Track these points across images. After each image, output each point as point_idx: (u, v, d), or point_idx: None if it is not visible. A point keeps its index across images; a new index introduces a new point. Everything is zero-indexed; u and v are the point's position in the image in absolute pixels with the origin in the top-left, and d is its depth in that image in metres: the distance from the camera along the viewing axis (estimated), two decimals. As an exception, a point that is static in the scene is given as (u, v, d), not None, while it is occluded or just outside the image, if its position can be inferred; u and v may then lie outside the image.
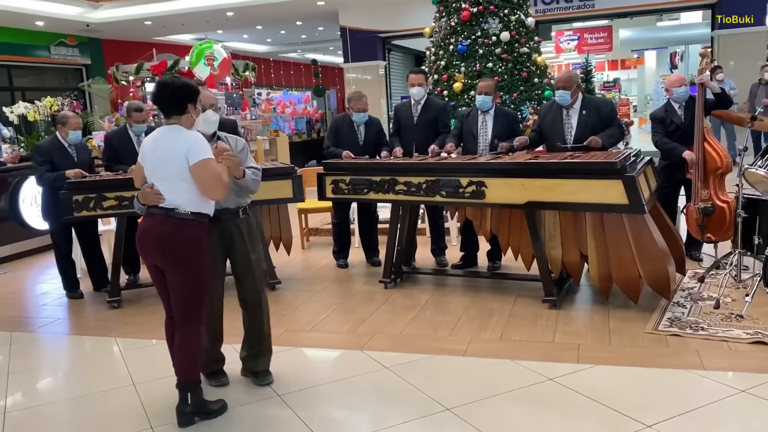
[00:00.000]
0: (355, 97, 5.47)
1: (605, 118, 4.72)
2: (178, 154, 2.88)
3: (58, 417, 3.25)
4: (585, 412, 2.92)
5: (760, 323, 3.77)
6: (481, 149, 5.09)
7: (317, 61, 17.48)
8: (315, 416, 3.04)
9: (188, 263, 2.92)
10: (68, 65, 14.59)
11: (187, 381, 3.00)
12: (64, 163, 4.99)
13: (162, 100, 2.96)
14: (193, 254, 2.93)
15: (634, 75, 25.67)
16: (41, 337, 4.48)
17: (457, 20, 7.31)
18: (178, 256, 2.91)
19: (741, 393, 3.00)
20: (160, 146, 2.95)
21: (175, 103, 2.95)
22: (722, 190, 4.90)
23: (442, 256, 5.56)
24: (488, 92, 5.02)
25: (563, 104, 4.75)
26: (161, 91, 2.97)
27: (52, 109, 9.16)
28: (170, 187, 2.92)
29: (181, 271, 2.92)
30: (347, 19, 13.32)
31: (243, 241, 3.29)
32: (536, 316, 4.18)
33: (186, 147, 2.88)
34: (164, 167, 2.92)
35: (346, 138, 5.45)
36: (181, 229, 2.91)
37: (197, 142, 2.91)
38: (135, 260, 5.51)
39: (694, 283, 4.60)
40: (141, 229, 2.99)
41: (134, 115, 5.23)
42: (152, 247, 2.94)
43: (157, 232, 2.92)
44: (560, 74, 4.97)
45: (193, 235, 2.94)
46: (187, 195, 2.92)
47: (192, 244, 2.93)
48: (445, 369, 3.49)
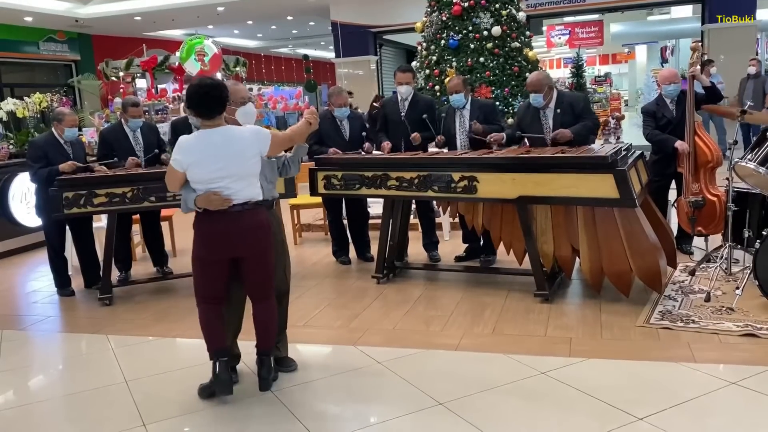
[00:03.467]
0: (335, 92, 5.46)
1: (580, 112, 4.77)
2: (251, 152, 3.07)
3: (50, 415, 3.24)
4: (577, 406, 2.93)
5: (751, 316, 3.80)
6: (462, 146, 5.11)
7: (309, 56, 17.42)
8: (308, 411, 3.04)
9: (271, 245, 3.22)
10: (57, 61, 14.50)
11: (268, 347, 3.25)
12: (59, 160, 4.95)
13: (211, 101, 3.03)
14: (272, 236, 3.24)
15: (625, 69, 25.76)
16: (32, 334, 4.46)
17: (449, 15, 7.31)
18: (268, 241, 3.18)
19: (732, 385, 3.02)
20: (228, 149, 3.02)
21: (222, 103, 3.05)
22: (713, 184, 4.93)
23: (434, 251, 5.56)
24: (458, 90, 5.06)
25: (537, 106, 4.81)
26: (210, 92, 3.01)
27: (41, 105, 9.08)
28: (244, 184, 3.08)
29: (270, 253, 3.21)
30: (338, 13, 13.29)
31: (277, 232, 3.36)
32: (528, 311, 4.19)
33: (254, 142, 3.08)
34: (238, 166, 3.05)
35: (331, 134, 5.39)
36: (266, 216, 3.19)
37: (255, 133, 3.12)
38: (127, 257, 5.49)
39: (685, 276, 4.63)
40: (219, 228, 3.07)
41: (131, 110, 5.20)
42: (241, 240, 3.09)
43: (252, 224, 3.10)
44: (530, 78, 4.96)
45: (269, 219, 3.23)
46: (259, 186, 3.17)
47: (271, 227, 3.22)
48: (438, 363, 3.50)
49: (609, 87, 19.57)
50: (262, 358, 3.22)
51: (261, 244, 3.15)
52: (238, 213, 3.06)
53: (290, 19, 15.16)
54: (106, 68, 11.66)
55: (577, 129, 4.67)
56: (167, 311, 4.68)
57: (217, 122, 3.06)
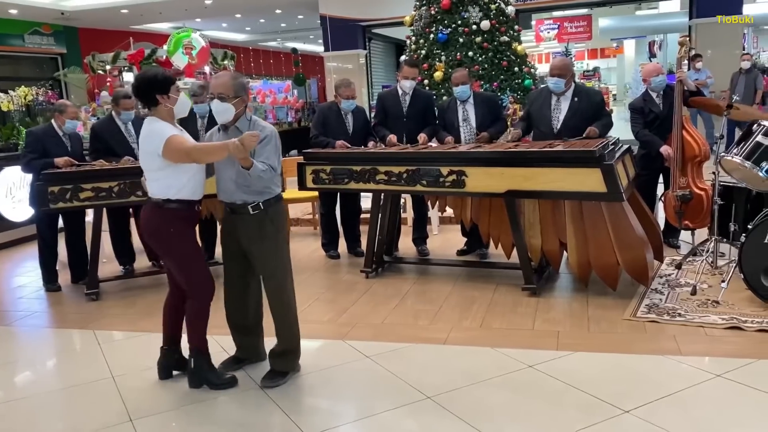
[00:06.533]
0: (343, 84, 5.35)
1: (595, 106, 4.73)
2: (149, 148, 3.07)
3: (35, 411, 3.21)
4: (564, 399, 2.95)
5: (736, 309, 3.83)
6: (465, 139, 5.10)
7: (297, 50, 17.34)
8: (296, 406, 3.03)
9: (168, 247, 3.22)
10: (43, 54, 14.31)
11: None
12: (57, 151, 4.93)
13: (137, 92, 3.12)
14: (163, 238, 3.19)
15: (613, 64, 25.82)
16: (18, 330, 4.43)
17: (438, 9, 7.29)
18: (159, 241, 3.22)
19: (717, 377, 3.05)
20: (141, 141, 3.13)
21: (145, 95, 3.07)
22: (700, 178, 4.96)
23: (423, 245, 5.57)
24: (464, 82, 5.03)
25: (557, 91, 4.71)
26: (139, 84, 3.11)
27: (26, 99, 9.00)
28: (149, 177, 3.16)
29: (168, 254, 3.26)
30: (327, 7, 13.22)
31: (248, 239, 3.20)
32: (516, 304, 4.21)
33: (153, 140, 3.04)
34: (142, 159, 3.15)
35: (334, 127, 5.33)
36: (156, 216, 3.16)
37: (157, 130, 3.04)
38: (129, 251, 5.45)
39: (671, 269, 4.66)
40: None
41: (122, 103, 5.13)
42: (142, 235, 3.29)
43: (144, 220, 3.21)
44: (555, 62, 4.86)
45: (158, 221, 3.16)
46: (165, 184, 3.11)
47: (158, 229, 3.18)
48: (426, 357, 3.50)
49: (598, 81, 19.65)
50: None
51: (152, 242, 3.26)
52: (145, 205, 3.23)
53: (279, 12, 15.06)
54: (93, 61, 11.55)
55: (602, 126, 4.63)
56: (154, 306, 4.62)
57: (153, 113, 3.12)
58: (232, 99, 3.14)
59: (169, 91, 3.09)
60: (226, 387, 3.23)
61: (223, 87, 3.15)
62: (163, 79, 3.09)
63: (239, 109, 3.19)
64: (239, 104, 3.18)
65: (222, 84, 3.16)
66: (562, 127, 4.67)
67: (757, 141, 4.04)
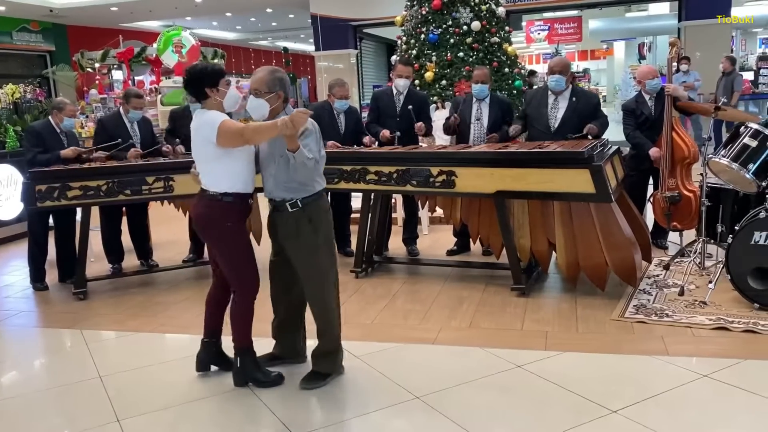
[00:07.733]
0: (337, 84, 5.32)
1: (592, 108, 4.77)
2: (201, 138, 3.07)
3: (22, 411, 3.18)
4: (552, 399, 2.95)
5: (723, 309, 3.86)
6: (475, 138, 5.10)
7: (288, 49, 17.31)
8: (284, 406, 3.02)
9: (217, 238, 3.19)
10: (31, 51, 14.22)
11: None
12: (55, 148, 4.97)
13: (187, 85, 3.13)
14: (217, 230, 3.16)
15: (603, 65, 25.90)
16: (4, 329, 4.38)
17: (429, 9, 7.30)
18: (212, 234, 3.18)
19: (704, 378, 3.07)
20: (193, 132, 3.12)
21: (196, 87, 3.09)
22: (689, 180, 4.99)
23: (413, 245, 5.56)
24: (484, 80, 5.03)
25: (556, 90, 4.72)
26: (189, 77, 3.11)
27: (14, 96, 8.92)
28: (202, 170, 3.16)
29: (216, 246, 3.22)
30: (318, 6, 13.21)
31: (284, 236, 3.17)
32: (505, 304, 4.22)
33: (205, 129, 3.03)
34: (195, 151, 3.16)
35: (327, 127, 5.27)
36: (211, 208, 3.15)
37: (210, 119, 3.04)
38: (118, 250, 5.42)
39: (659, 270, 4.68)
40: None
41: (133, 101, 5.19)
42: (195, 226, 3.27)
43: (197, 213, 3.21)
44: (555, 61, 4.88)
45: (212, 213, 3.15)
46: (218, 175, 3.11)
47: (215, 222, 3.15)
48: (415, 357, 3.50)
49: (587, 83, 19.74)
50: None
51: (205, 235, 3.23)
52: (198, 198, 3.19)
53: (269, 11, 15.03)
54: (82, 59, 11.49)
55: (600, 125, 4.67)
56: (142, 306, 4.63)
57: (203, 106, 3.13)
58: (266, 94, 3.06)
59: (219, 85, 3.10)
60: (273, 385, 3.21)
61: (258, 82, 3.09)
62: (212, 73, 3.10)
63: (275, 105, 3.09)
64: (274, 100, 3.09)
65: (257, 79, 3.11)
66: (559, 126, 4.70)
67: (744, 143, 4.07)
